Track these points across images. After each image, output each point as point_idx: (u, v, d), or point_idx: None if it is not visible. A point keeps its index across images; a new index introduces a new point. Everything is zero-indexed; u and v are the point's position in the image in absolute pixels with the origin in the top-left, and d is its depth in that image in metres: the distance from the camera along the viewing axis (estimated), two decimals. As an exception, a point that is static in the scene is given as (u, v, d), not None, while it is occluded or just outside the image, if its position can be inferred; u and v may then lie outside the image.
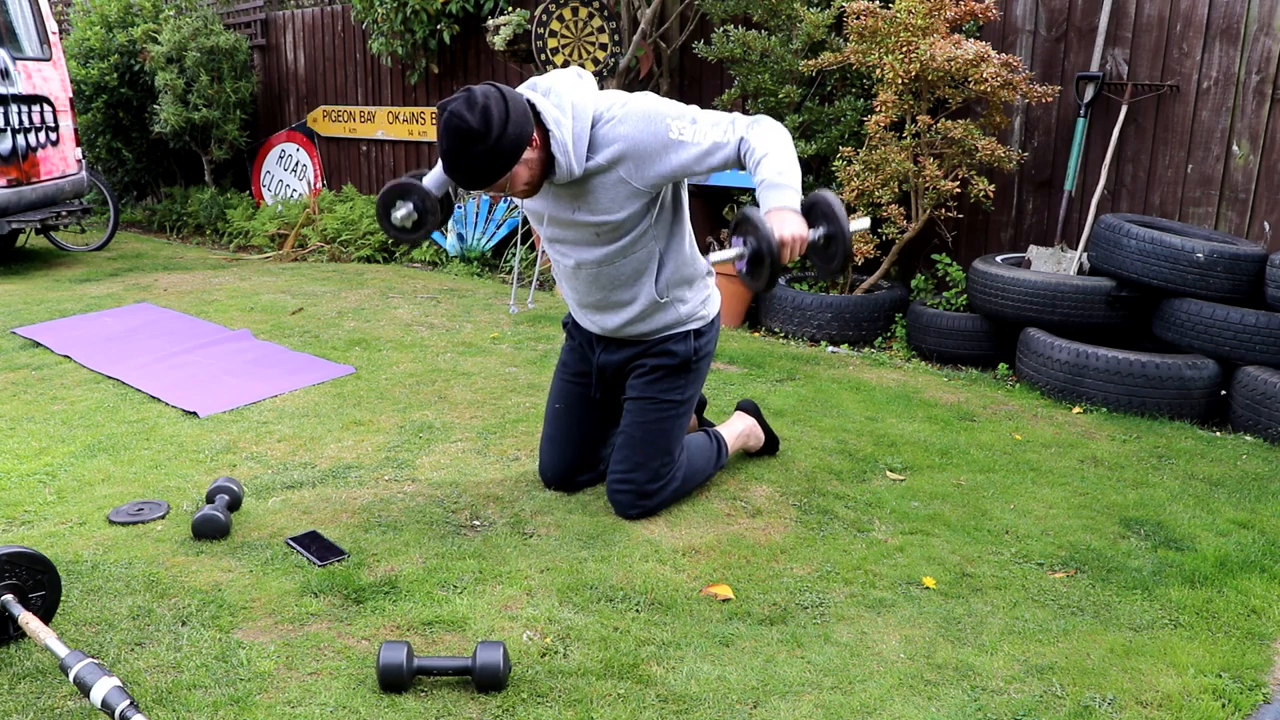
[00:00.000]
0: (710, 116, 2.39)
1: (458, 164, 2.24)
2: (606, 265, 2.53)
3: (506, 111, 2.22)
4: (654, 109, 2.37)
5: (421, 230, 2.76)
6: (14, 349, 4.37)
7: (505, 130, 2.21)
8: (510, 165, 2.26)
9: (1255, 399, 3.50)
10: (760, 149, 2.30)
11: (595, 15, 5.50)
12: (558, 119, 2.31)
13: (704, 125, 2.36)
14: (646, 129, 2.34)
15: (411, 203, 2.72)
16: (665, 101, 2.41)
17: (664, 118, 2.35)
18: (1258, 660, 2.09)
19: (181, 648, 2.03)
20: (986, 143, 4.34)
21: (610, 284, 2.56)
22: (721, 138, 2.35)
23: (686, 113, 2.37)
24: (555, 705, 1.88)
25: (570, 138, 2.32)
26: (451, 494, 2.81)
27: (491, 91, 2.23)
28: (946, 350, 4.42)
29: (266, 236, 7.66)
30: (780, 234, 2.13)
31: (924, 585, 2.37)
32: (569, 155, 2.32)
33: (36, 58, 6.53)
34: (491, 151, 2.22)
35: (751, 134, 2.33)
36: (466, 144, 2.21)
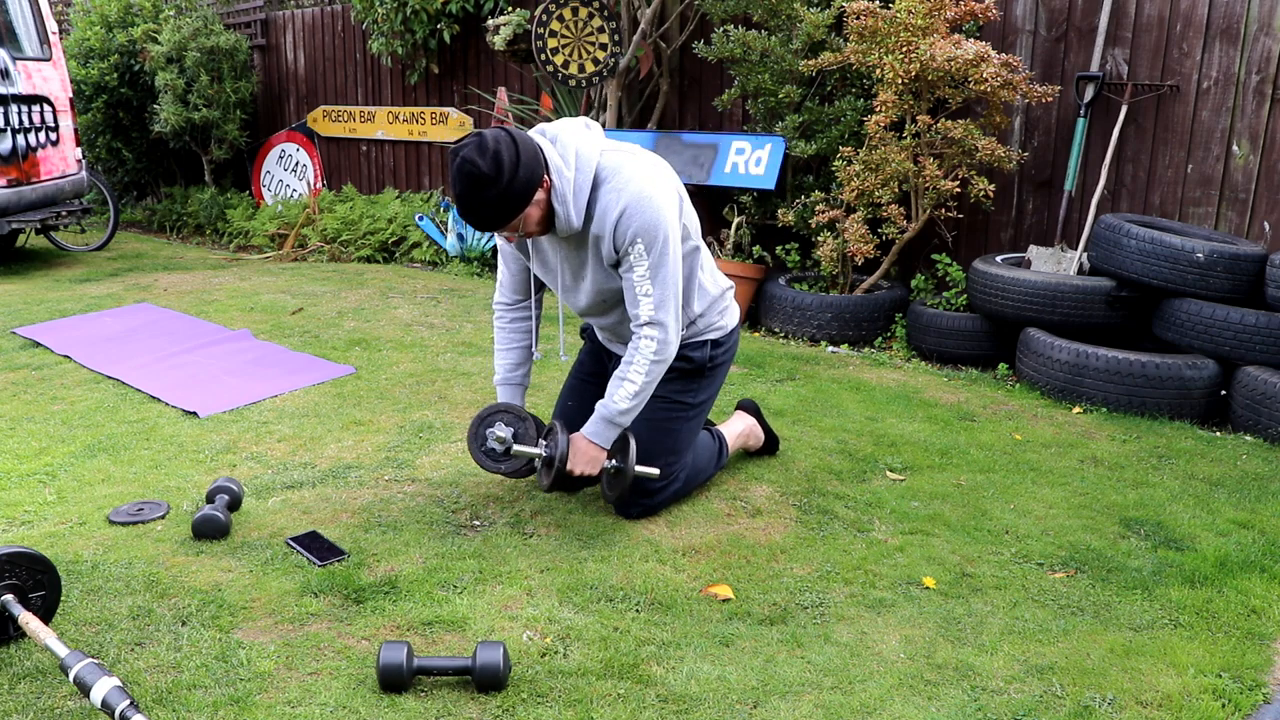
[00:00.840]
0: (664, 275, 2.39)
1: (471, 207, 2.29)
2: (620, 325, 2.63)
3: (517, 155, 2.25)
4: (651, 216, 2.35)
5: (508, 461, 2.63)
6: (14, 349, 4.37)
7: (516, 173, 2.25)
8: (522, 207, 2.30)
9: (1255, 399, 3.50)
10: (635, 367, 2.44)
11: (595, 15, 5.50)
12: (560, 169, 2.34)
13: (656, 280, 2.39)
14: (625, 225, 2.35)
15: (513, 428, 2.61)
16: (661, 203, 2.38)
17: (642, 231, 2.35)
18: (1258, 660, 2.09)
19: (181, 648, 2.03)
20: (986, 143, 4.34)
21: (626, 334, 2.64)
22: (643, 308, 2.40)
23: (664, 242, 2.37)
24: (555, 705, 1.88)
25: (571, 191, 2.35)
26: (451, 494, 2.81)
27: (502, 136, 2.27)
28: (946, 350, 4.42)
29: (266, 236, 7.66)
30: (572, 465, 2.52)
31: (924, 585, 2.37)
32: (568, 207, 2.35)
33: (36, 58, 6.53)
34: (503, 195, 2.26)
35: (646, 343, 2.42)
36: (479, 188, 2.25)
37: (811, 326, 4.71)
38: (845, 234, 4.54)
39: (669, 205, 2.40)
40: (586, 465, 2.53)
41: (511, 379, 2.74)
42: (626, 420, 2.52)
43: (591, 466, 2.53)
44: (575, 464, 2.52)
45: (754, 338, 4.80)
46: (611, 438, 2.53)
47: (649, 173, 2.40)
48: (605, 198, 2.37)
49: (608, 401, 2.50)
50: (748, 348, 4.52)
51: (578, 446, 2.53)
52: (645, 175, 2.39)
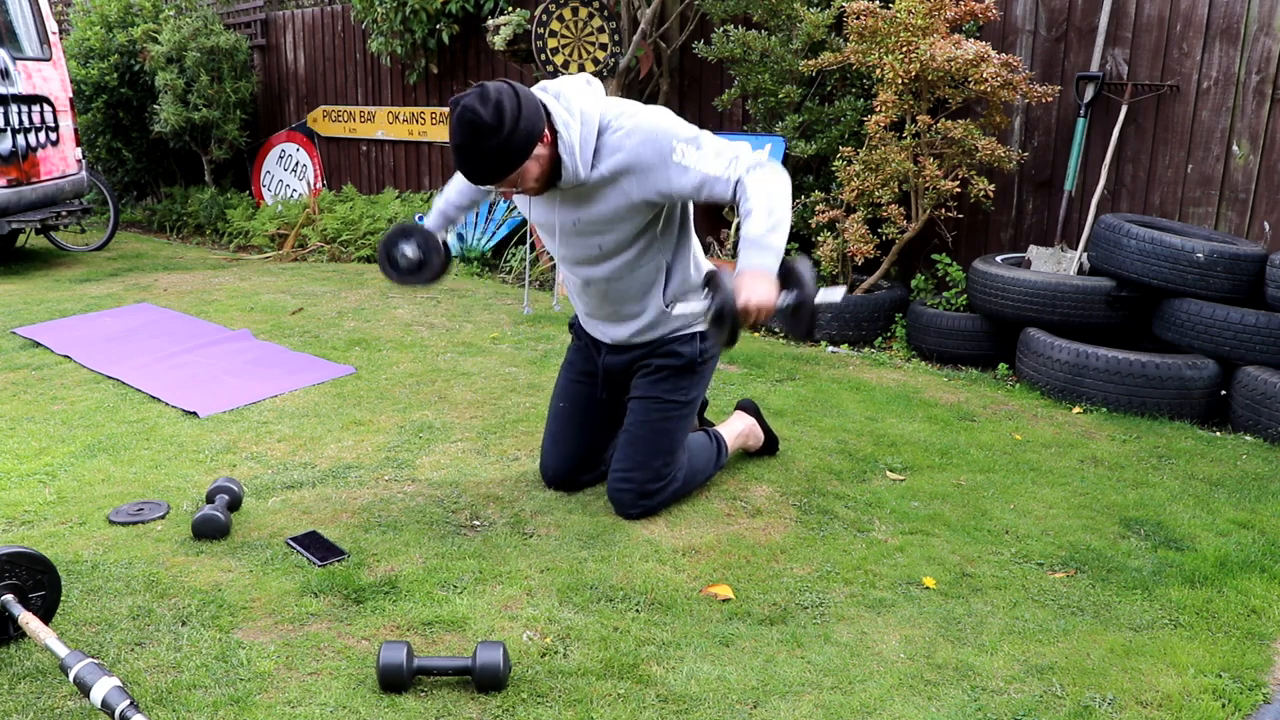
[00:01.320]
0: (716, 146, 2.33)
1: (470, 157, 2.25)
2: (615, 281, 2.56)
3: (519, 106, 2.23)
4: (662, 125, 2.35)
5: (426, 270, 2.73)
6: (14, 349, 4.37)
7: (518, 125, 2.22)
8: (522, 159, 2.27)
9: (1255, 399, 3.50)
10: (755, 198, 2.24)
11: (595, 15, 5.50)
12: (566, 121, 2.32)
13: (709, 153, 2.32)
14: (651, 145, 2.33)
15: (414, 243, 2.72)
16: (676, 120, 2.39)
17: (670, 137, 2.32)
18: (1258, 660, 2.09)
19: (181, 648, 2.03)
20: (986, 143, 4.34)
21: (619, 298, 2.59)
22: (723, 172, 2.30)
23: (695, 136, 2.34)
24: (555, 705, 1.88)
25: (577, 141, 2.32)
26: (451, 494, 2.81)
27: (504, 87, 2.25)
28: (946, 350, 4.42)
29: (266, 236, 7.66)
30: (746, 300, 2.12)
31: (924, 585, 2.37)
32: (575, 157, 2.33)
33: (36, 58, 6.53)
34: (504, 145, 2.23)
35: (751, 178, 2.28)
36: (479, 137, 2.21)
37: (811, 326, 4.71)
38: (845, 234, 4.54)
39: (680, 123, 2.38)
40: (763, 297, 2.13)
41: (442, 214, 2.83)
42: (777, 241, 2.21)
43: (767, 296, 2.14)
44: (751, 296, 2.12)
45: (754, 338, 4.80)
46: (772, 266, 2.19)
47: (655, 111, 2.40)
48: (612, 139, 2.35)
49: (748, 234, 2.22)
50: (748, 348, 4.52)
51: (745, 281, 2.14)
52: (652, 112, 2.39)
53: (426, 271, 2.74)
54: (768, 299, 2.14)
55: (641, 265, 2.52)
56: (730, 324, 2.14)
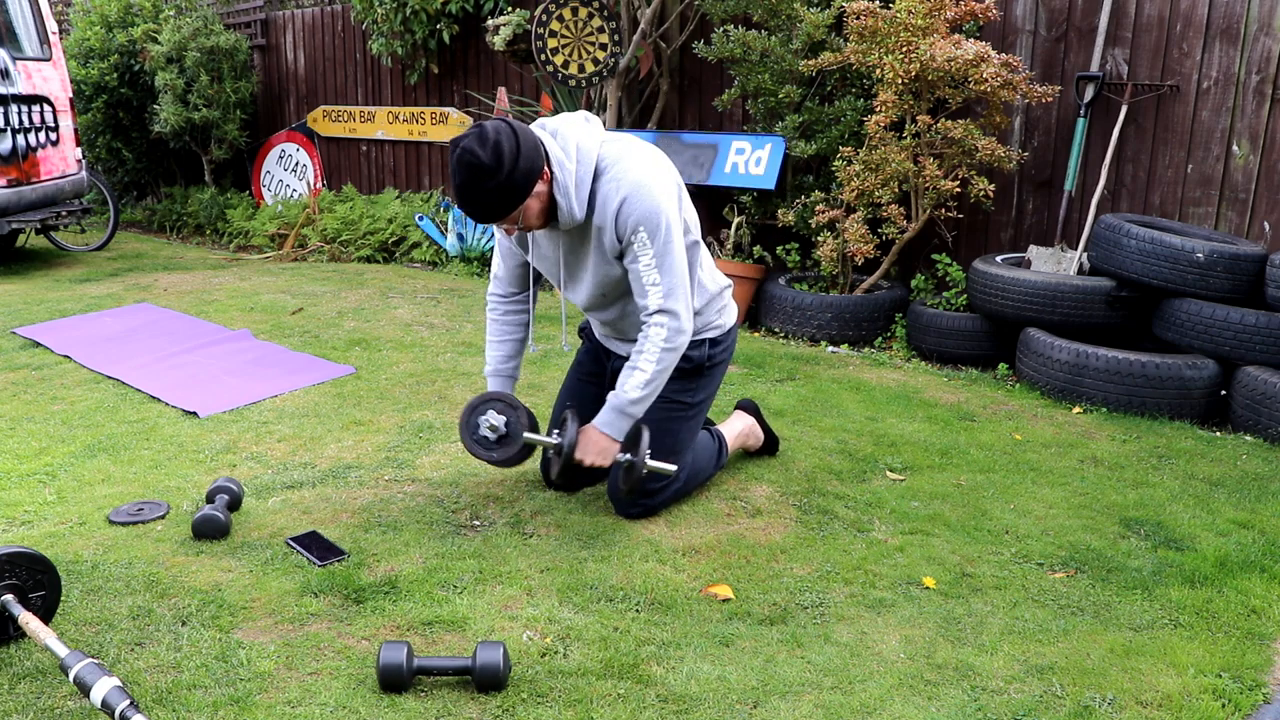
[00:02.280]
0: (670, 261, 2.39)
1: (471, 197, 2.29)
2: (621, 320, 2.64)
3: (517, 146, 2.26)
4: (645, 200, 2.36)
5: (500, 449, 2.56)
6: (14, 349, 4.37)
7: (517, 164, 2.25)
8: (522, 198, 2.30)
9: (1255, 399, 3.50)
10: (646, 356, 2.42)
11: (595, 15, 5.50)
12: (561, 161, 2.35)
13: (659, 263, 2.39)
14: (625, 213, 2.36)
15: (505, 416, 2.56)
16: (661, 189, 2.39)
17: (645, 217, 2.36)
18: (1258, 660, 2.09)
19: (181, 648, 2.03)
20: (986, 143, 4.34)
21: (628, 328, 2.66)
22: (650, 293, 2.40)
23: (666, 227, 2.37)
24: (555, 705, 1.88)
25: (573, 183, 2.35)
26: (451, 494, 2.81)
27: (503, 127, 2.27)
28: (946, 350, 4.42)
29: (266, 236, 7.66)
30: (581, 455, 2.49)
31: (924, 585, 2.37)
32: (570, 200, 2.36)
33: (36, 58, 6.53)
34: (503, 186, 2.26)
35: (657, 331, 2.41)
36: (479, 179, 2.25)
37: (811, 326, 4.71)
38: (845, 234, 4.54)
39: (668, 194, 2.40)
40: (597, 456, 2.49)
41: (503, 370, 2.75)
42: (638, 410, 2.50)
43: (602, 458, 2.50)
44: (585, 454, 2.49)
45: (754, 338, 4.80)
46: (624, 429, 2.51)
47: (648, 163, 2.42)
48: (605, 188, 2.38)
49: (619, 391, 2.48)
50: (748, 348, 4.52)
51: (589, 437, 2.50)
52: (644, 165, 2.40)
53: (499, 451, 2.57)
54: (602, 458, 2.50)
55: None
56: (564, 465, 2.50)
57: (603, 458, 2.50)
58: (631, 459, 2.48)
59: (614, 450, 2.51)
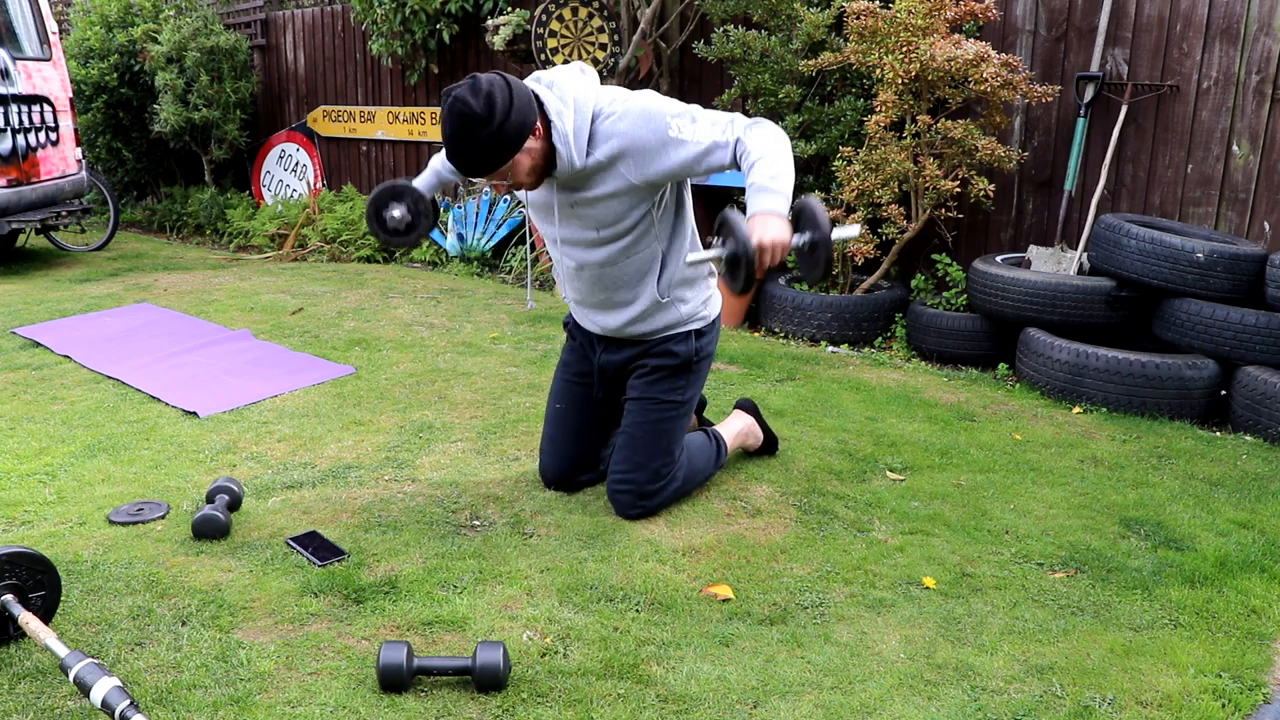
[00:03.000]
0: (710, 116, 2.38)
1: (461, 148, 2.25)
2: (609, 266, 2.54)
3: (510, 98, 2.23)
4: (654, 106, 2.37)
5: (414, 233, 2.77)
6: (14, 349, 4.37)
7: (509, 116, 2.22)
8: (513, 151, 2.27)
9: (1255, 399, 3.50)
10: (756, 152, 2.29)
11: (595, 15, 5.50)
12: (560, 110, 2.33)
13: (704, 124, 2.36)
14: (646, 126, 2.34)
15: (404, 204, 2.74)
16: (666, 100, 2.41)
17: (664, 115, 2.35)
18: (1258, 660, 2.09)
19: (181, 648, 2.03)
20: (986, 143, 4.34)
21: (613, 284, 2.57)
22: (721, 137, 2.34)
23: (687, 111, 2.38)
24: (555, 705, 1.88)
25: (571, 129, 2.33)
26: (451, 494, 2.81)
27: (496, 79, 2.25)
28: (946, 350, 4.42)
29: (266, 236, 7.66)
30: (760, 239, 2.12)
31: (924, 585, 2.37)
32: (569, 146, 2.33)
33: (36, 58, 6.53)
34: (494, 137, 2.23)
35: (749, 136, 2.33)
36: (470, 128, 2.22)
37: (811, 326, 4.71)
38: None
39: (670, 105, 2.39)
40: (777, 235, 2.13)
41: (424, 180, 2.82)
42: (784, 185, 2.22)
43: (782, 235, 2.14)
44: (765, 235, 2.12)
45: (754, 338, 4.80)
46: (782, 208, 2.20)
47: (644, 97, 2.41)
48: (605, 125, 2.36)
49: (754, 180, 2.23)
50: (747, 348, 4.52)
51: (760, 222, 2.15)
52: (640, 95, 2.41)
53: (414, 234, 2.77)
54: (782, 238, 2.14)
55: (637, 252, 2.52)
56: (746, 266, 2.12)
57: (781, 236, 2.14)
58: (812, 237, 2.16)
59: (789, 231, 2.17)
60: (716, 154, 2.35)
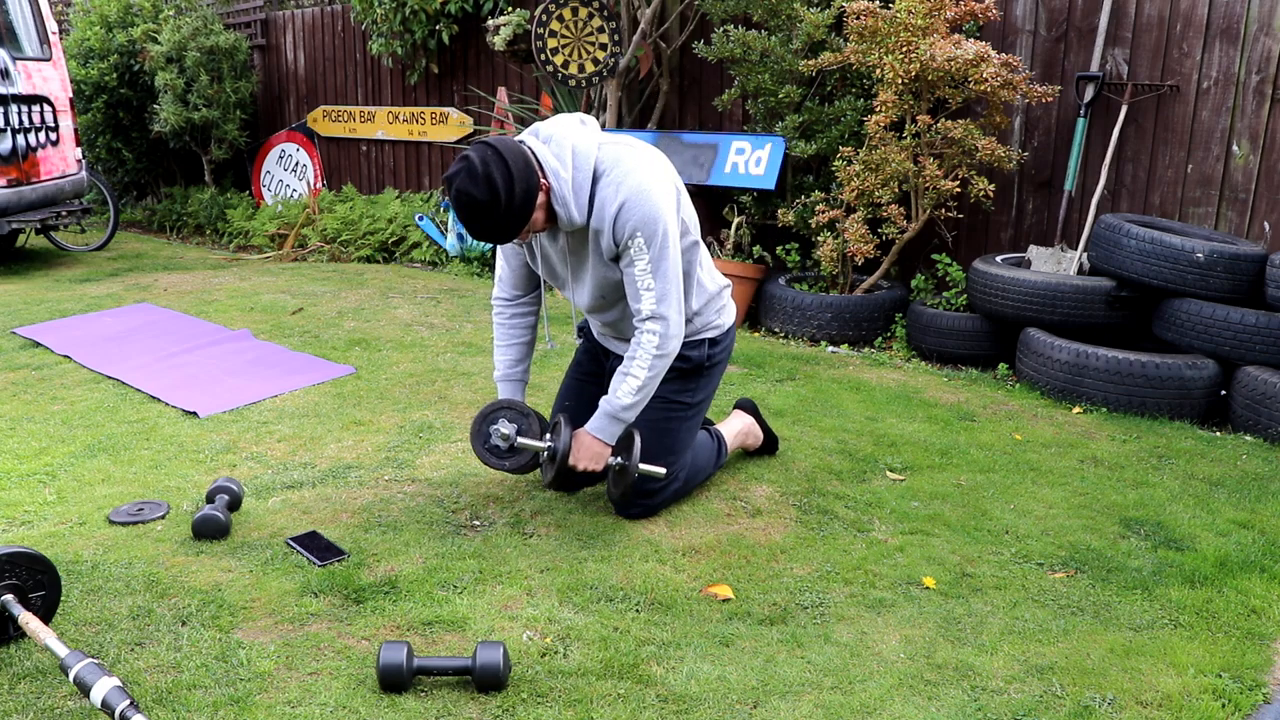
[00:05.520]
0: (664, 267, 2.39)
1: (479, 232, 2.32)
2: (622, 321, 2.63)
3: (509, 173, 2.25)
4: (643, 205, 2.35)
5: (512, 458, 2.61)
6: (14, 349, 4.37)
7: (513, 191, 2.25)
8: (526, 219, 2.32)
9: (1255, 399, 3.50)
10: (638, 363, 2.43)
11: (595, 15, 5.50)
12: (556, 170, 2.34)
13: (655, 271, 2.39)
14: (622, 218, 2.35)
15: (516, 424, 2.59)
16: (660, 192, 2.38)
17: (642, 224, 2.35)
18: (1258, 660, 2.09)
19: (181, 648, 2.03)
20: (986, 143, 4.34)
21: (628, 329, 2.63)
22: (644, 298, 2.40)
23: (663, 235, 2.37)
24: (555, 705, 1.88)
25: (570, 190, 2.35)
26: (451, 494, 2.81)
27: (489, 155, 2.26)
28: (946, 350, 4.42)
29: (266, 236, 7.66)
30: (575, 459, 2.51)
31: (924, 585, 2.37)
32: (569, 207, 2.36)
33: (36, 58, 6.53)
34: (505, 215, 2.27)
35: (649, 339, 2.42)
36: (482, 216, 2.27)
37: (811, 326, 4.71)
38: (845, 234, 4.54)
39: (667, 198, 2.39)
40: (590, 461, 2.51)
41: (512, 375, 2.74)
42: (630, 416, 2.51)
43: (595, 462, 2.51)
44: (578, 459, 2.51)
45: (754, 338, 4.80)
46: (615, 433, 2.53)
47: (647, 166, 2.40)
48: (604, 191, 2.37)
49: (611, 397, 2.49)
50: (748, 348, 4.52)
51: (581, 442, 2.52)
52: (643, 168, 2.39)
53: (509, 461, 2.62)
54: (595, 462, 2.52)
55: None
56: (558, 470, 2.52)
57: (595, 462, 2.51)
58: (624, 463, 2.49)
59: (606, 455, 2.53)
60: (633, 300, 2.43)
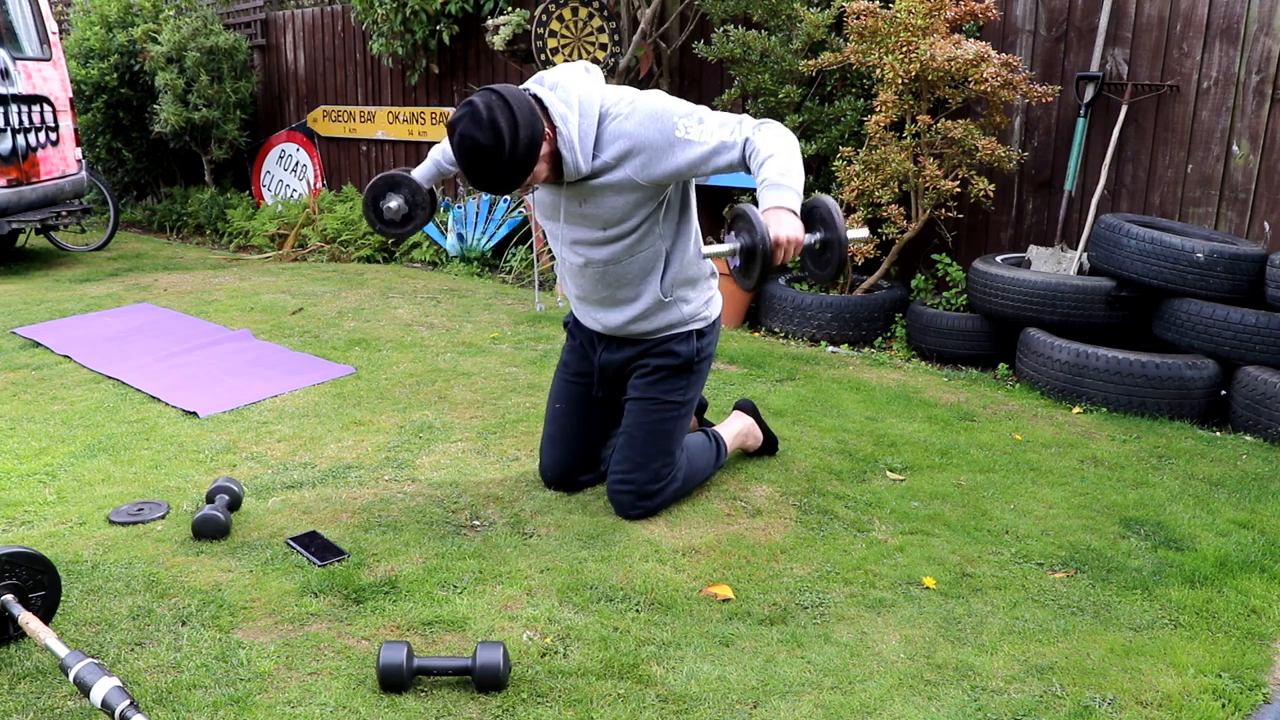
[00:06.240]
0: (718, 117, 2.38)
1: (482, 179, 2.28)
2: (613, 264, 2.54)
3: (514, 118, 2.23)
4: (662, 107, 2.37)
5: (410, 224, 2.79)
6: (14, 349, 4.37)
7: (518, 137, 2.23)
8: (531, 168, 2.29)
9: (1255, 399, 3.50)
10: (765, 150, 2.29)
11: (595, 15, 5.50)
12: (564, 115, 2.31)
13: (711, 125, 2.35)
14: (653, 126, 2.34)
15: (401, 195, 2.76)
16: (673, 100, 2.41)
17: (671, 115, 2.35)
18: (1258, 660, 2.09)
19: (181, 648, 2.03)
20: (986, 143, 4.34)
21: (616, 282, 2.57)
22: (729, 137, 2.34)
23: (694, 111, 2.37)
24: (555, 705, 1.88)
25: (576, 135, 2.32)
26: (451, 494, 2.81)
27: (494, 100, 2.23)
28: (946, 350, 4.42)
29: (266, 236, 7.66)
30: (776, 234, 2.14)
31: (924, 585, 2.37)
32: (575, 152, 2.33)
33: (36, 58, 6.53)
34: (510, 161, 2.25)
35: (757, 135, 2.33)
36: (485, 161, 2.24)
37: (811, 326, 4.71)
38: (845, 234, 4.54)
39: (677, 105, 2.39)
40: (792, 231, 2.15)
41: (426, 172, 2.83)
42: (796, 181, 2.23)
43: (796, 231, 2.16)
44: (780, 230, 2.14)
45: (754, 338, 4.80)
46: (795, 204, 2.21)
47: (652, 97, 2.40)
48: (613, 126, 2.35)
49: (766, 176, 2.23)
50: (748, 348, 4.52)
51: (774, 217, 2.16)
52: (647, 95, 2.40)
53: (410, 224, 2.79)
54: (796, 234, 2.15)
55: (641, 250, 2.51)
56: (763, 260, 2.13)
57: (798, 231, 2.16)
58: (824, 236, 2.19)
59: (800, 226, 2.19)
60: (724, 154, 2.35)
